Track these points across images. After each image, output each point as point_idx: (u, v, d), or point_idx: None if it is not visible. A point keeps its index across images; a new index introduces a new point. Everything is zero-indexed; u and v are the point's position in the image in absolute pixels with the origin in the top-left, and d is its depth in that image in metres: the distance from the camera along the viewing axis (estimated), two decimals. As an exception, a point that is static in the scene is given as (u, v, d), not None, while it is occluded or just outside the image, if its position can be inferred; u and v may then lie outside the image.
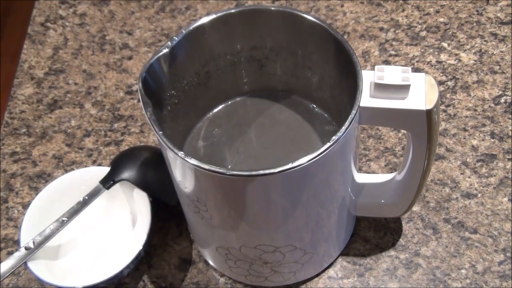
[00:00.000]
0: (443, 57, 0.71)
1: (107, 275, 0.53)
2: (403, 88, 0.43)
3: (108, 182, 0.57)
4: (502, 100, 0.67)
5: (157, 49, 0.47)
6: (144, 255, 0.57)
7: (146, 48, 0.75)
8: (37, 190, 0.65)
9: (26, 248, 0.53)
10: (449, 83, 0.69)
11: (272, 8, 0.48)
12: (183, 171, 0.44)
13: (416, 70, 0.70)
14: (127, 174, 0.57)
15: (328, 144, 0.41)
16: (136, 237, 0.58)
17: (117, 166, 0.58)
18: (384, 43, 0.73)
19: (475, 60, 0.70)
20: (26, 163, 0.67)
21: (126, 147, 0.67)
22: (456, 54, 0.71)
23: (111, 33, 0.77)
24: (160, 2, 0.79)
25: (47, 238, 0.54)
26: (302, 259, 0.53)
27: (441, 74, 0.69)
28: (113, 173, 0.58)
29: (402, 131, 0.66)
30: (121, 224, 0.60)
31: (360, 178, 0.55)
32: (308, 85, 0.54)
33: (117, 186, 0.58)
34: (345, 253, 0.58)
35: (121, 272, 0.53)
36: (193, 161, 0.41)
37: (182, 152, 0.41)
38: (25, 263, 0.53)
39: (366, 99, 0.43)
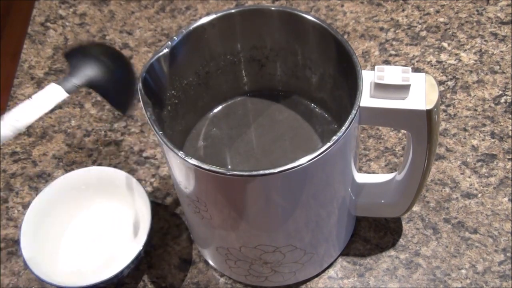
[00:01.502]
0: (443, 57, 0.71)
1: (107, 275, 0.53)
2: (403, 88, 0.43)
3: (69, 84, 0.50)
4: (502, 100, 0.67)
5: (157, 49, 0.47)
6: (144, 255, 0.57)
7: (146, 48, 0.75)
8: (37, 190, 0.65)
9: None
10: (449, 83, 0.69)
11: (272, 8, 0.48)
12: (183, 171, 0.44)
13: (416, 70, 0.70)
14: (87, 77, 0.50)
15: (328, 144, 0.41)
16: (136, 237, 0.58)
17: (76, 66, 0.51)
18: (384, 43, 0.73)
19: (475, 60, 0.70)
20: (26, 163, 0.67)
21: (126, 147, 0.67)
22: (456, 54, 0.71)
23: (111, 33, 0.77)
24: (160, 2, 0.79)
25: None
26: (302, 259, 0.53)
27: (441, 74, 0.69)
28: (73, 75, 0.50)
29: (402, 131, 0.66)
30: (121, 224, 0.60)
31: (360, 178, 0.55)
32: (308, 85, 0.54)
33: (116, 186, 0.58)
34: (345, 253, 0.58)
35: (121, 272, 0.53)
36: (193, 161, 0.41)
37: (182, 152, 0.41)
38: (25, 263, 0.53)
39: (366, 99, 0.43)
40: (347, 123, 0.42)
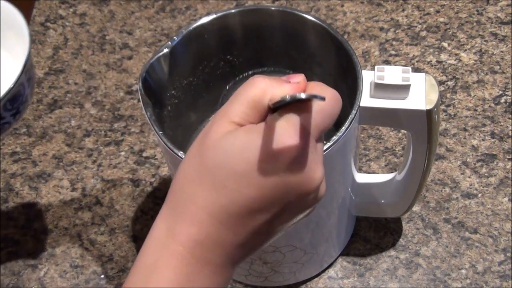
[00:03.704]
0: (443, 57, 0.71)
1: None
2: (403, 88, 0.43)
3: None
4: (502, 100, 0.67)
5: (157, 49, 0.47)
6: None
7: (146, 48, 0.75)
8: (37, 190, 0.65)
9: None
10: (449, 83, 0.69)
11: (272, 8, 0.48)
12: (183, 171, 0.44)
13: (416, 70, 0.70)
14: None
15: (328, 144, 0.41)
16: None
17: None
18: (384, 43, 0.73)
19: (475, 60, 0.70)
20: (26, 163, 0.67)
21: (126, 147, 0.67)
22: (456, 54, 0.71)
23: (111, 33, 0.77)
24: (160, 2, 0.79)
25: None
26: (302, 259, 0.53)
27: (441, 74, 0.69)
28: None
29: (402, 131, 0.66)
30: None
31: (360, 178, 0.55)
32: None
33: None
34: (345, 253, 0.58)
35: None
36: (193, 161, 0.40)
37: (182, 152, 0.41)
38: None
39: (366, 99, 0.43)
40: (347, 123, 0.42)
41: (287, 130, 0.31)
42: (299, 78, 0.34)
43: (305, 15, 0.48)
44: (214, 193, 0.32)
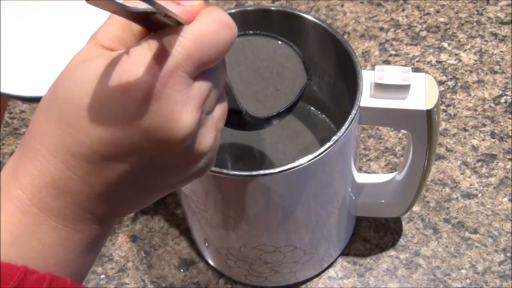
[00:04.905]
0: (443, 57, 0.71)
1: None
2: (403, 88, 0.43)
3: None
4: (502, 100, 0.67)
5: (157, 49, 0.47)
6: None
7: (146, 48, 0.75)
8: (37, 190, 0.65)
9: None
10: (449, 83, 0.69)
11: (272, 8, 0.49)
12: (183, 171, 0.44)
13: (416, 70, 0.70)
14: None
15: (328, 144, 0.41)
16: None
17: None
18: (384, 43, 0.73)
19: (475, 60, 0.70)
20: (26, 163, 0.67)
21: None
22: (456, 54, 0.71)
23: (111, 33, 0.77)
24: (160, 2, 0.79)
25: None
26: (302, 259, 0.53)
27: (441, 74, 0.69)
28: None
29: (402, 131, 0.66)
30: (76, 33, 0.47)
31: (360, 178, 0.55)
32: (308, 85, 0.54)
33: None
34: (345, 253, 0.58)
35: None
36: (193, 161, 0.41)
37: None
38: None
39: (366, 99, 0.43)
40: (347, 123, 0.42)
41: (141, 59, 0.25)
42: (194, 2, 0.28)
43: (305, 15, 0.48)
44: (59, 131, 0.27)
